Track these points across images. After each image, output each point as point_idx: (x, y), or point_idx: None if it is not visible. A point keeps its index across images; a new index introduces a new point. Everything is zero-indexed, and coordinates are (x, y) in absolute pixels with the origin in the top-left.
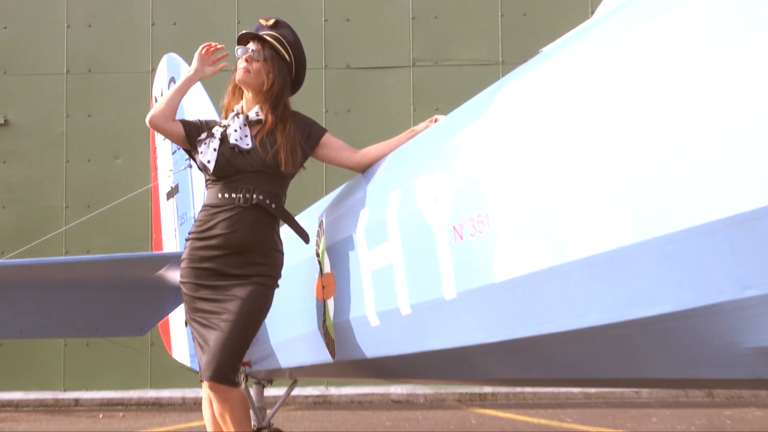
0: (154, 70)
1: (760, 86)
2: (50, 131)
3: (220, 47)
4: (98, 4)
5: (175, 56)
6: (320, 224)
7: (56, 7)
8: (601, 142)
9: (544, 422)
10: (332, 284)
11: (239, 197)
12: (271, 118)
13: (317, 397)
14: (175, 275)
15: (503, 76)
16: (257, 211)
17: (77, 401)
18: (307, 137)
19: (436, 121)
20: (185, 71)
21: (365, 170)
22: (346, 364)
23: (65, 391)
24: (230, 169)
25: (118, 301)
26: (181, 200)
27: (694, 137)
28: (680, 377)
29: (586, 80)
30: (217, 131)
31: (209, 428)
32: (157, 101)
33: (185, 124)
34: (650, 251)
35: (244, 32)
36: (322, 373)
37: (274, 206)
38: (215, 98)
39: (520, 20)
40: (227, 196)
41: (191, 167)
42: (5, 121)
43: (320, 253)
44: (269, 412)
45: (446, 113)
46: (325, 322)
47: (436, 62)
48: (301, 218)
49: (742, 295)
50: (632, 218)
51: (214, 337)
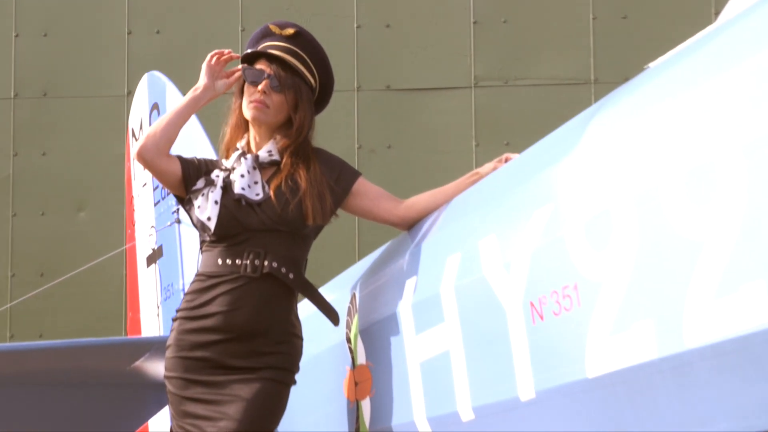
0: (131, 93)
1: None
2: None
3: (235, 56)
4: (56, 6)
5: (158, 75)
6: (352, 299)
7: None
8: (737, 185)
9: None
10: (368, 380)
11: (246, 264)
12: (291, 160)
13: None
14: (157, 367)
15: (597, 99)
16: (269, 282)
17: None
18: (335, 181)
19: (506, 160)
20: (174, 93)
21: (411, 227)
22: None
23: None
24: (235, 227)
25: (80, 402)
26: (166, 267)
27: None
28: None
29: (711, 105)
30: (218, 177)
31: None
32: (135, 135)
33: (183, 162)
34: None
35: (253, 50)
36: None
37: (291, 276)
38: (209, 129)
39: (618, 24)
40: (230, 262)
41: (180, 222)
42: None
43: (352, 337)
44: None
45: (520, 150)
46: (358, 430)
47: (505, 81)
48: (326, 291)
49: None
50: None
51: None
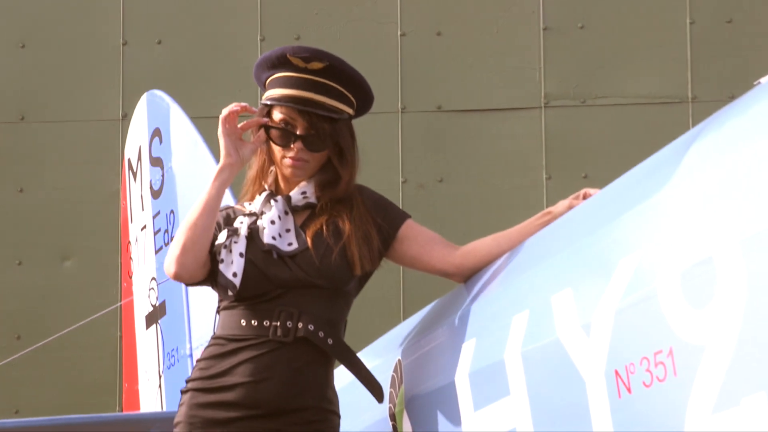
0: (127, 116)
1: None
2: None
3: (250, 110)
4: (36, 11)
5: (160, 95)
6: (397, 367)
7: None
8: None
9: None
10: None
11: (275, 326)
12: (325, 209)
13: None
14: None
15: (696, 122)
16: (303, 348)
17: None
18: (381, 219)
19: (585, 197)
20: (179, 116)
21: (468, 278)
22: None
23: None
24: (263, 284)
25: None
26: (169, 328)
27: None
28: None
29: None
30: (242, 224)
31: None
32: (132, 167)
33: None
34: None
35: (275, 102)
36: None
37: (330, 341)
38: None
39: (721, 30)
40: (256, 323)
41: None
42: None
43: (397, 414)
44: None
45: (601, 184)
46: None
47: (583, 100)
48: (366, 357)
49: None
50: None
51: None
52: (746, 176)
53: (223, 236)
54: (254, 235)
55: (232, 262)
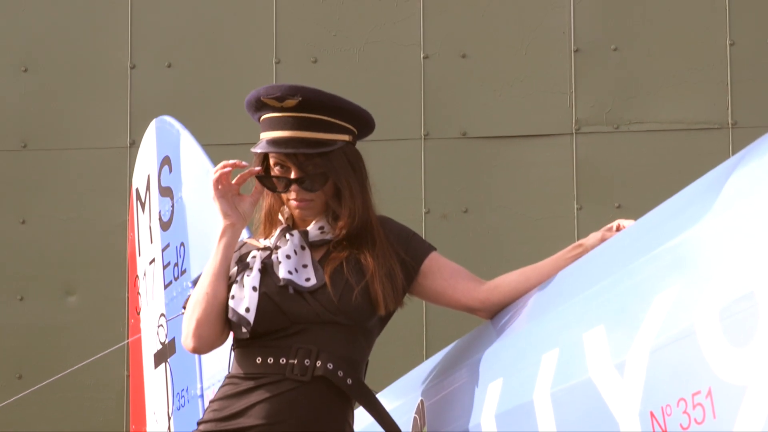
0: (135, 144)
1: None
2: None
3: (241, 164)
4: (39, 33)
5: (170, 121)
6: (419, 408)
7: None
8: None
9: None
10: None
11: (292, 364)
12: (345, 243)
13: None
14: None
15: (737, 149)
16: (321, 388)
17: None
18: (404, 252)
19: (618, 229)
20: (190, 143)
21: (495, 314)
22: None
23: None
24: (279, 319)
25: None
26: (179, 367)
27: None
28: None
29: None
30: (254, 258)
31: None
32: (141, 197)
33: None
34: None
35: (271, 150)
36: None
37: (350, 381)
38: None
39: (762, 52)
40: (272, 361)
41: None
42: None
43: None
44: None
45: (635, 215)
46: None
47: (616, 126)
48: (388, 397)
49: None
50: None
51: None
52: None
53: (233, 272)
54: (268, 269)
55: (243, 297)
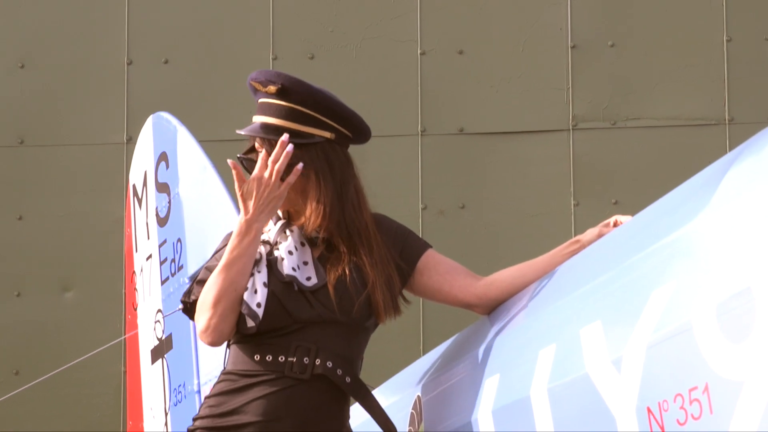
0: (132, 140)
1: None
2: None
3: (287, 149)
4: (36, 30)
5: (167, 117)
6: (416, 404)
7: None
8: None
9: None
10: None
11: (291, 362)
12: (346, 242)
13: None
14: None
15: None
16: (320, 386)
17: None
18: (398, 256)
19: (615, 225)
20: (187, 140)
21: (492, 310)
22: None
23: None
24: (283, 318)
25: None
26: (176, 362)
27: None
28: None
29: None
30: (260, 254)
31: None
32: (137, 193)
33: None
34: None
35: (241, 131)
36: None
37: (348, 380)
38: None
39: (759, 49)
40: (270, 358)
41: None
42: None
43: None
44: None
45: (632, 211)
46: None
47: (613, 122)
48: (384, 394)
49: None
50: None
51: None
52: None
53: None
54: (272, 265)
55: (256, 291)
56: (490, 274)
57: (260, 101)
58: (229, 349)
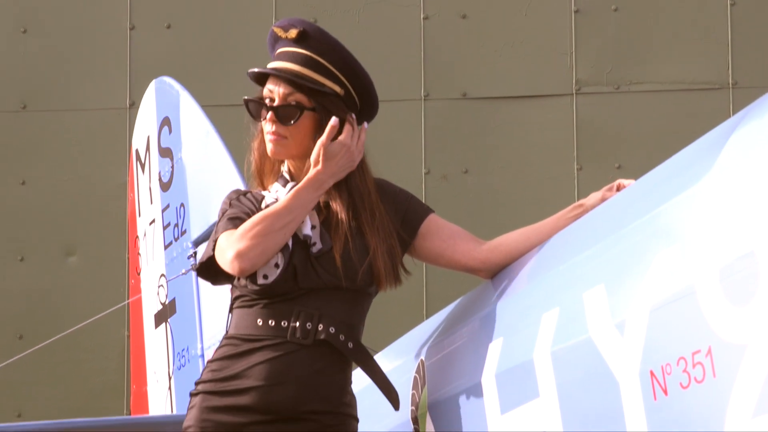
0: (134, 105)
1: None
2: None
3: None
4: None
5: (170, 82)
6: (419, 368)
7: None
8: None
9: None
10: None
11: (294, 327)
12: (345, 204)
13: None
14: None
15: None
16: (322, 351)
17: None
18: (400, 222)
19: (618, 189)
20: (189, 104)
21: (495, 274)
22: None
23: None
24: (290, 284)
25: None
26: (179, 326)
27: None
28: None
29: None
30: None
31: None
32: (140, 158)
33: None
34: None
35: (255, 71)
36: None
37: (351, 345)
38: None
39: (763, 12)
40: (273, 323)
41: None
42: None
43: (420, 416)
44: None
45: (636, 175)
46: None
47: (616, 87)
48: (387, 358)
49: None
50: None
51: None
52: None
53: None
54: None
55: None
56: (493, 238)
57: (278, 51)
58: (231, 313)
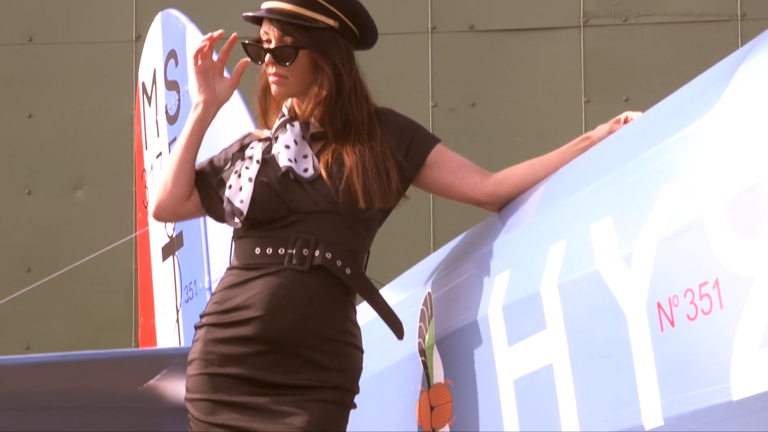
0: (141, 37)
1: None
2: None
3: (226, 37)
4: None
5: (176, 14)
6: (426, 300)
7: None
8: None
9: None
10: (447, 403)
11: (291, 254)
12: (333, 130)
13: None
14: (177, 388)
15: (745, 41)
16: (320, 278)
17: None
18: (405, 151)
19: (626, 121)
20: (195, 37)
21: (502, 207)
22: None
23: None
24: (278, 207)
25: None
26: (186, 259)
27: None
28: None
29: None
30: (254, 150)
31: None
32: (147, 91)
33: (200, 187)
34: None
35: (249, 14)
36: None
37: (349, 271)
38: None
39: None
40: (270, 251)
41: None
42: None
43: (426, 349)
44: None
45: (643, 107)
46: None
47: (624, 18)
48: (394, 290)
49: None
50: None
51: None
52: None
53: (236, 164)
54: (269, 160)
55: (240, 188)
56: (500, 171)
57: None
58: (234, 243)
